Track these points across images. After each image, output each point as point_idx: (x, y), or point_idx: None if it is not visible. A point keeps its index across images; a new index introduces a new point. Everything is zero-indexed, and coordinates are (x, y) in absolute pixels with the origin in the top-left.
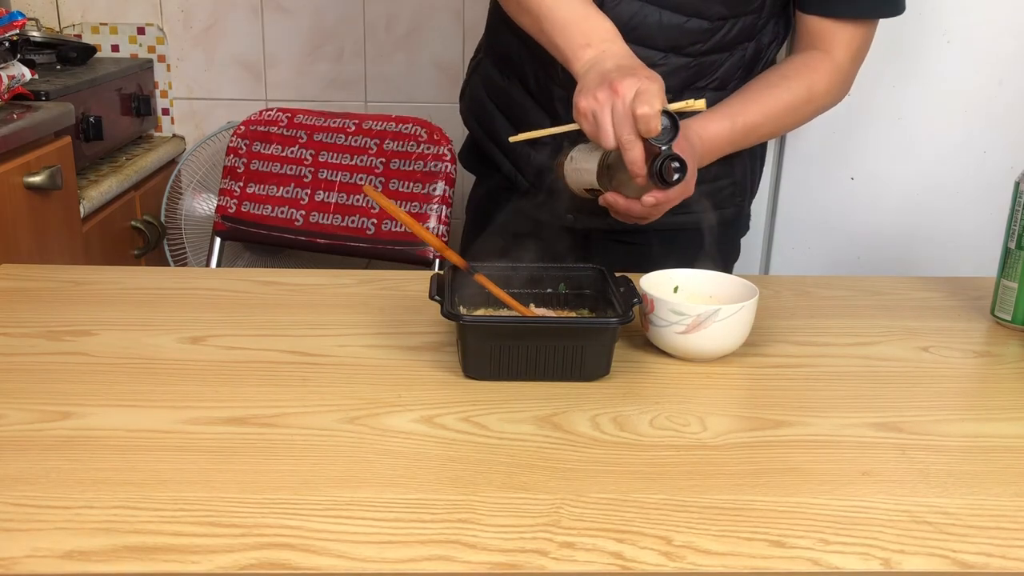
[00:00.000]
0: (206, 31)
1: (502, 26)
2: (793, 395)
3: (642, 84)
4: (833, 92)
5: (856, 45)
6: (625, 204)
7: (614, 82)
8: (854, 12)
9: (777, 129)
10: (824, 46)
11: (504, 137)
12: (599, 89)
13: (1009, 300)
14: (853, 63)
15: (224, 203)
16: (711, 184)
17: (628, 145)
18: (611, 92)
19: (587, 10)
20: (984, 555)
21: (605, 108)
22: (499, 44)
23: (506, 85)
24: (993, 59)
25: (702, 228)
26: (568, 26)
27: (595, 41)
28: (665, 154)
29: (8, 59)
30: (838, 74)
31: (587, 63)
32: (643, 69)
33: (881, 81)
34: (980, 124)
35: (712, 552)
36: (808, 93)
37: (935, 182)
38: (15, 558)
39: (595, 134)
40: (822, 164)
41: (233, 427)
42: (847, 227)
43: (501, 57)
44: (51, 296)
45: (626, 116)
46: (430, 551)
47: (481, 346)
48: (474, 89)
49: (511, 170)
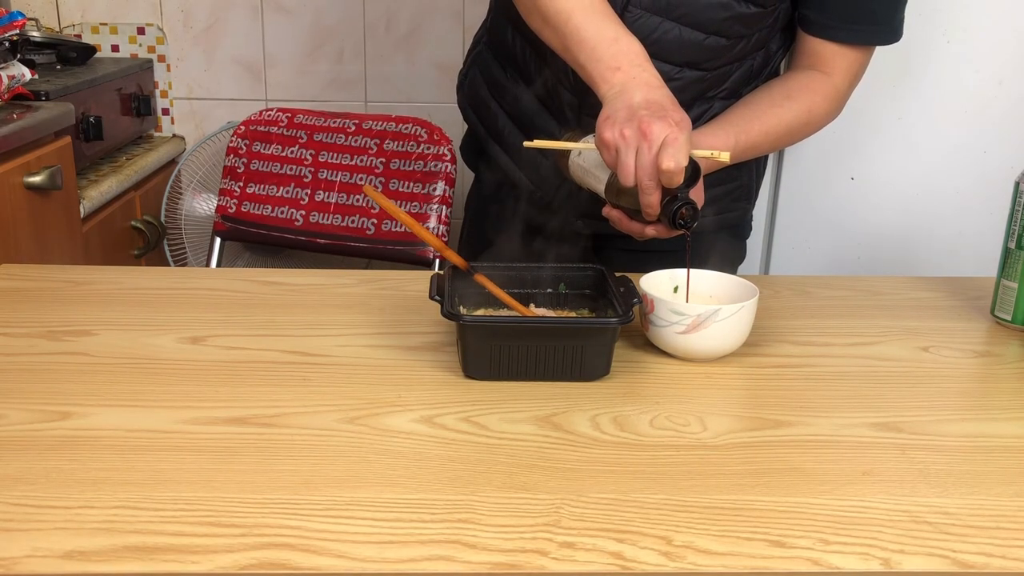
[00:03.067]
0: (206, 31)
1: (505, 22)
2: (793, 395)
3: (671, 133)
4: (830, 114)
5: (855, 71)
6: (628, 226)
7: (643, 123)
8: (855, 39)
9: (773, 147)
10: (825, 68)
11: (506, 136)
12: (626, 126)
13: (1009, 300)
14: (850, 87)
15: (224, 203)
16: (720, 188)
17: (647, 190)
18: (639, 135)
19: (617, 31)
20: (984, 555)
21: (630, 148)
22: (502, 40)
23: (510, 84)
24: (993, 59)
25: (710, 233)
26: (597, 47)
27: (624, 65)
28: (682, 199)
29: (8, 59)
30: (836, 98)
31: (616, 87)
32: (674, 110)
33: (881, 81)
34: (980, 124)
35: (712, 552)
36: (808, 116)
37: (935, 182)
38: (15, 558)
39: (614, 166)
40: (822, 164)
41: (233, 427)
42: (847, 227)
43: (504, 54)
44: (51, 296)
45: (651, 164)
46: (430, 551)
47: (481, 346)
48: (474, 82)
49: (513, 169)
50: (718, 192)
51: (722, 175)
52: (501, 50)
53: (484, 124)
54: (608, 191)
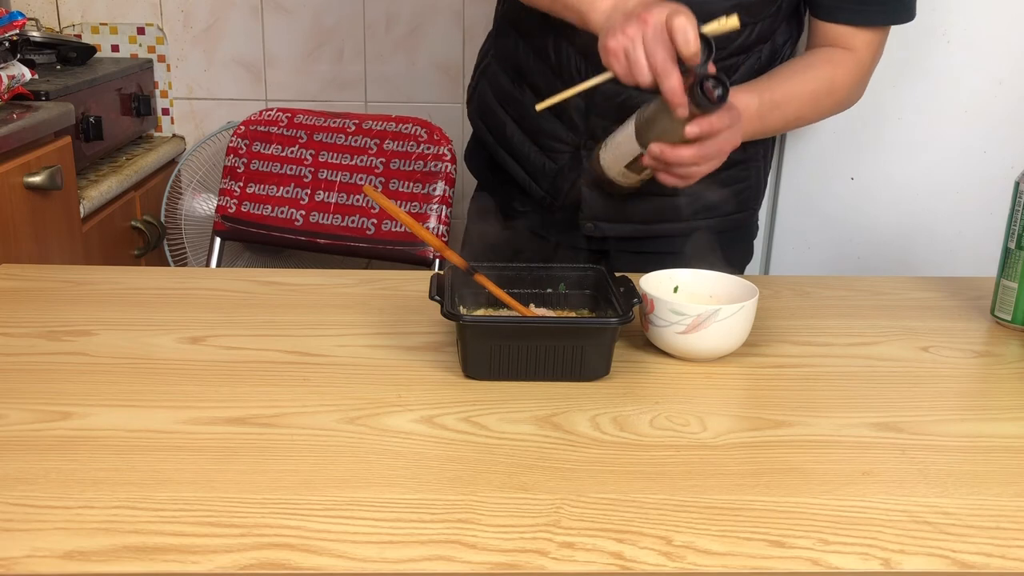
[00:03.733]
0: (206, 31)
1: (511, 31)
2: (793, 395)
3: (672, 7)
4: (854, 89)
5: (874, 48)
6: (672, 151)
7: (642, 14)
8: (867, 21)
9: (798, 116)
10: (845, 45)
11: (515, 143)
12: (627, 24)
13: (1009, 300)
14: (872, 62)
15: (224, 203)
16: (730, 188)
17: (664, 72)
18: (640, 23)
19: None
20: (984, 555)
21: (636, 40)
22: (508, 52)
23: (518, 94)
24: (993, 59)
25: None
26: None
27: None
28: (702, 74)
29: (8, 59)
30: (859, 70)
31: (607, 10)
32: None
33: (881, 81)
34: (980, 124)
35: (712, 552)
36: (830, 84)
37: (935, 182)
38: (15, 558)
39: (627, 72)
40: (822, 164)
41: (233, 427)
42: (847, 227)
43: (511, 65)
44: (51, 296)
45: (659, 37)
46: (430, 551)
47: (481, 346)
48: (483, 94)
49: (524, 178)
50: (728, 193)
51: (732, 176)
52: (508, 60)
53: (493, 133)
54: (639, 135)
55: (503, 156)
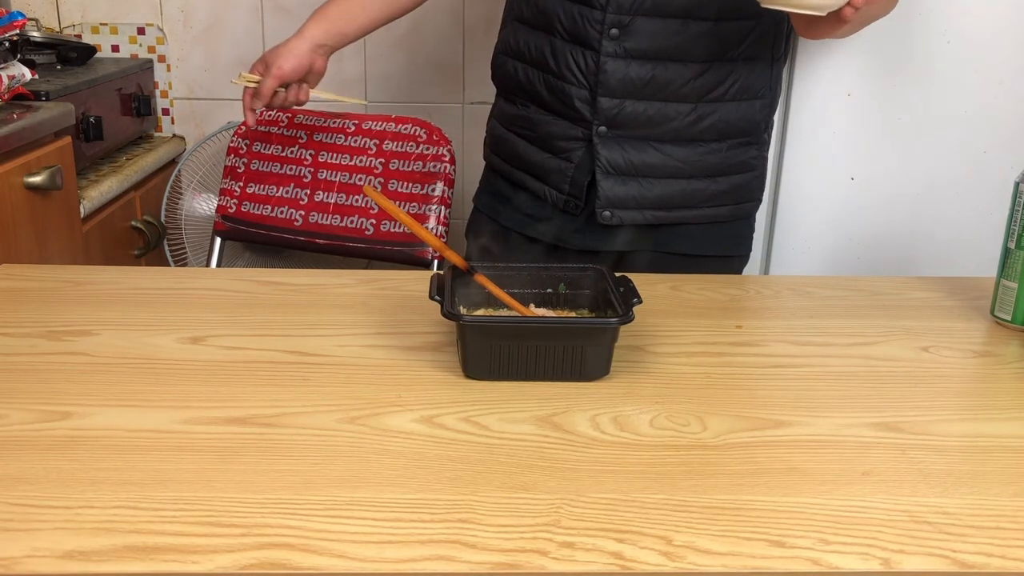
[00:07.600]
0: (206, 31)
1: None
2: (793, 395)
3: None
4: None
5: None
6: None
7: None
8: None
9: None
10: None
11: (531, 158)
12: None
13: (1009, 300)
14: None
15: (224, 203)
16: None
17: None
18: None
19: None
20: (984, 555)
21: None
22: (506, 75)
23: (522, 111)
24: (993, 59)
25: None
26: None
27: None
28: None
29: (8, 59)
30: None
31: None
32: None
33: (881, 81)
34: (980, 124)
35: (712, 552)
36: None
37: (935, 182)
38: (15, 558)
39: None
40: (822, 164)
41: (233, 427)
42: (847, 227)
43: (511, 87)
44: (51, 296)
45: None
46: (430, 551)
47: (481, 346)
48: (493, 131)
49: (542, 188)
50: (738, 181)
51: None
52: (507, 84)
53: (507, 159)
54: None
55: (519, 176)
